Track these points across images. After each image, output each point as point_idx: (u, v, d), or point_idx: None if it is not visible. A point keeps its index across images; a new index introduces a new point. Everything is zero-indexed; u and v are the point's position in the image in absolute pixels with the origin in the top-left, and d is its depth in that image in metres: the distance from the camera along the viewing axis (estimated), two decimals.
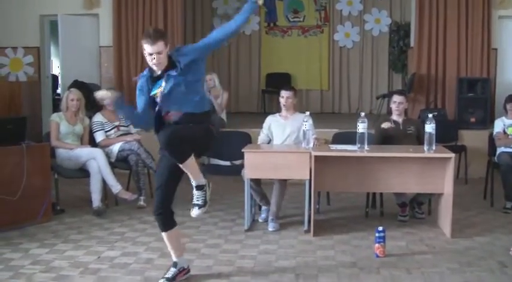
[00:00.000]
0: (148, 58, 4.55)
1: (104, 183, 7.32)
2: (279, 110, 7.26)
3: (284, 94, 6.99)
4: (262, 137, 7.08)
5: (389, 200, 7.13)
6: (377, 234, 5.53)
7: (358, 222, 6.83)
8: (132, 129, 8.06)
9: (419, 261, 5.44)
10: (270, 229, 6.47)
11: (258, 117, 9.57)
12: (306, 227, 6.40)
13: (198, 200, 4.76)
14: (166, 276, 4.88)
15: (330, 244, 5.98)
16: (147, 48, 4.50)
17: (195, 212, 4.76)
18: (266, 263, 5.38)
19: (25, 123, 6.97)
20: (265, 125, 7.08)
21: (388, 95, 11.31)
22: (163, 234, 4.89)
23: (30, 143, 6.75)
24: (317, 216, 6.67)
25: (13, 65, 11.17)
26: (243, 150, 6.47)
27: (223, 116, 9.93)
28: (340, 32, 14.28)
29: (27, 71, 11.19)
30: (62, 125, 7.44)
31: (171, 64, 4.57)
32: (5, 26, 11.08)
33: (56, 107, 10.59)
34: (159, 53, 4.50)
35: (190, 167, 4.62)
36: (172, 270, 4.91)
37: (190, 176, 4.72)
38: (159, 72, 4.59)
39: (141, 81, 4.71)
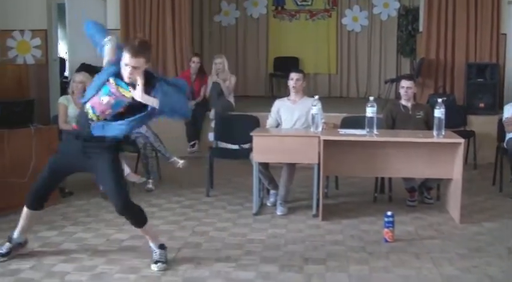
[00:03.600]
0: (123, 68, 4.55)
1: None
2: (287, 94, 7.24)
3: (293, 76, 6.96)
4: (270, 121, 7.06)
5: (398, 185, 7.11)
6: (386, 219, 5.53)
7: (367, 207, 6.83)
8: None
9: (428, 246, 5.43)
10: (279, 213, 6.47)
11: (266, 101, 9.55)
12: (314, 212, 6.40)
13: (161, 258, 4.92)
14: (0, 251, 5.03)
15: (338, 229, 5.98)
16: (126, 58, 4.50)
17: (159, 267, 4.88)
18: (275, 247, 5.38)
19: (33, 106, 6.98)
20: (274, 109, 7.06)
21: (397, 80, 11.28)
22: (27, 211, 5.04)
23: (38, 126, 6.75)
24: (325, 201, 6.63)
25: (20, 48, 11.15)
26: (251, 133, 6.47)
27: (231, 99, 9.93)
28: (348, 16, 14.20)
29: (35, 54, 11.18)
30: (70, 108, 7.42)
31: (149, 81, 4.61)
32: (13, 8, 11.04)
33: (64, 90, 10.59)
34: (135, 67, 4.51)
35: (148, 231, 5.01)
36: (7, 245, 5.05)
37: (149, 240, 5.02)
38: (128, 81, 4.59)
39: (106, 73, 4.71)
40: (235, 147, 7.93)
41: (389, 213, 5.55)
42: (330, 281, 4.60)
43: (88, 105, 4.65)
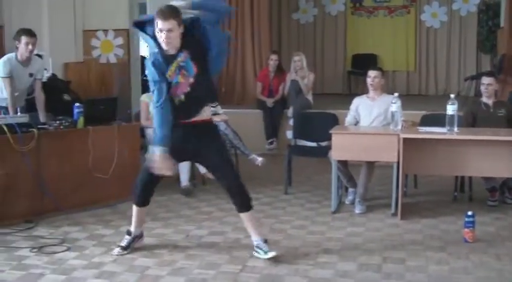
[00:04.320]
0: (159, 36, 4.63)
1: (192, 163, 7.43)
2: (365, 92, 7.21)
3: (371, 74, 6.93)
4: (349, 119, 7.04)
5: (478, 184, 6.99)
6: (466, 219, 5.45)
7: (446, 206, 6.74)
8: (219, 110, 8.13)
9: (510, 247, 5.32)
10: (357, 211, 6.46)
11: (344, 99, 9.54)
12: (393, 210, 6.36)
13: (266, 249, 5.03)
14: (121, 244, 5.17)
15: (417, 228, 5.93)
16: (159, 24, 4.58)
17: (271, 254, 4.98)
18: (353, 246, 5.38)
19: (116, 104, 7.15)
20: (353, 106, 7.04)
21: (477, 77, 11.09)
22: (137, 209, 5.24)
23: (121, 123, 6.92)
24: (404, 200, 6.58)
25: (104, 47, 11.39)
26: (330, 131, 6.47)
27: (310, 97, 9.93)
28: (427, 12, 14.03)
29: (117, 53, 11.41)
30: (151, 106, 7.55)
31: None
32: (96, 9, 11.29)
33: (145, 88, 10.78)
34: (169, 30, 4.57)
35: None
36: (127, 238, 5.21)
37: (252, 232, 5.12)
38: (170, 51, 4.69)
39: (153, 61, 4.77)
40: (314, 145, 7.94)
41: (469, 213, 5.46)
42: (409, 281, 4.57)
43: (175, 98, 4.78)
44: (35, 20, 9.80)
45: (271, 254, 4.92)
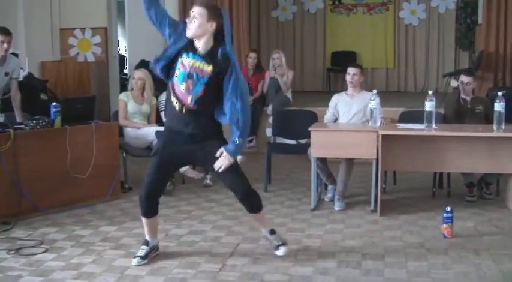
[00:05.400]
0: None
1: None
2: (344, 89, 7.22)
3: (350, 71, 6.93)
4: (328, 116, 7.04)
5: (457, 180, 7.03)
6: (445, 215, 5.47)
7: (425, 202, 6.77)
8: None
9: (488, 242, 5.35)
10: (336, 208, 6.46)
11: (323, 96, 9.54)
12: (372, 207, 6.37)
13: (279, 242, 5.01)
14: (140, 254, 4.93)
15: (396, 224, 5.94)
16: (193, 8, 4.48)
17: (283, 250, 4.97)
18: (332, 243, 5.38)
19: (94, 103, 7.10)
20: (332, 103, 7.04)
21: (455, 74, 11.13)
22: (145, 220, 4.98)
23: (99, 122, 6.86)
24: (383, 196, 6.61)
25: (81, 46, 11.35)
26: (309, 128, 6.46)
27: (289, 94, 9.93)
28: (405, 10, 14.08)
29: (95, 51, 11.36)
30: (129, 105, 7.53)
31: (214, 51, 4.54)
32: (74, 7, 11.24)
33: (123, 87, 10.76)
34: (195, 17, 4.44)
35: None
36: (145, 248, 4.98)
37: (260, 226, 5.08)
38: (188, 36, 4.50)
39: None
40: (293, 142, 7.94)
41: (448, 208, 5.49)
42: (388, 277, 4.57)
43: (173, 98, 4.59)
44: (10, 18, 9.73)
45: (281, 252, 4.96)
